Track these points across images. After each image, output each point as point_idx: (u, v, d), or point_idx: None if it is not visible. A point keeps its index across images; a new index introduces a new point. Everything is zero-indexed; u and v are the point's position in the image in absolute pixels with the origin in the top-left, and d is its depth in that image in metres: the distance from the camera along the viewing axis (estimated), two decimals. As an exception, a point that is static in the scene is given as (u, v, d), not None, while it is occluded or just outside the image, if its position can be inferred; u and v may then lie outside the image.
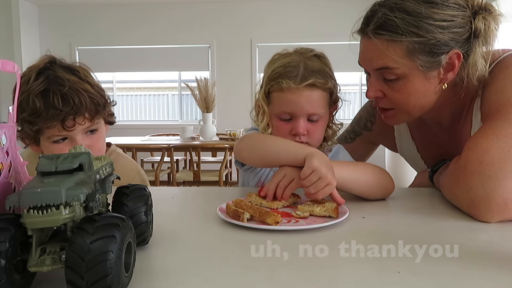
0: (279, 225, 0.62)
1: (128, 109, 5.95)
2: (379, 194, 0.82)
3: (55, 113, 0.88)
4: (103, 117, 1.01)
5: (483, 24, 0.76)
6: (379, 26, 0.78)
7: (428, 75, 0.79)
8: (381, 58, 0.79)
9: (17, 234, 0.38)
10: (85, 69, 0.99)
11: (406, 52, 0.76)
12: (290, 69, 0.87)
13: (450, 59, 0.77)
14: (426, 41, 0.75)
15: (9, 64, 0.45)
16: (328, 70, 0.90)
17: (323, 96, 0.88)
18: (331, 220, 0.65)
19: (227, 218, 0.65)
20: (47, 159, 0.41)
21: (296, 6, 5.25)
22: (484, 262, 0.49)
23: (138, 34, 5.44)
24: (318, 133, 0.91)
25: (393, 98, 0.84)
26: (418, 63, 0.77)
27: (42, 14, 5.49)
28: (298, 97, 0.86)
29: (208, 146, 3.44)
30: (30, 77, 0.91)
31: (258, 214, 0.65)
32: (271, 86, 0.89)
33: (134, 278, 0.42)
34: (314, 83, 0.85)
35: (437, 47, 0.75)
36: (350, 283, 0.43)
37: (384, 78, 0.82)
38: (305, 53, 0.91)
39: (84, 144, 0.93)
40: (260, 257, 0.52)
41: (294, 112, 0.88)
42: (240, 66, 5.43)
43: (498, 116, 0.74)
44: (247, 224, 0.63)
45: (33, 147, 0.99)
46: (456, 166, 0.75)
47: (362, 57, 0.86)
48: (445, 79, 0.80)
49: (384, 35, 0.77)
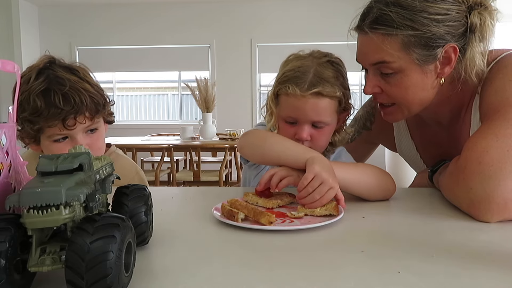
0: (273, 225, 0.62)
1: (128, 109, 5.95)
2: (380, 195, 0.82)
3: (56, 112, 0.89)
4: (102, 116, 1.02)
5: (478, 19, 0.76)
6: (375, 20, 0.79)
7: (425, 69, 0.79)
8: (378, 52, 0.80)
9: (17, 234, 0.38)
10: (84, 69, 1.00)
11: (402, 46, 0.77)
12: (299, 74, 0.86)
13: (446, 53, 0.77)
14: (421, 34, 0.76)
15: (9, 64, 0.45)
16: (341, 78, 0.89)
17: (330, 104, 0.87)
18: (326, 220, 0.65)
19: (221, 218, 0.65)
20: (47, 159, 0.41)
21: (296, 6, 5.25)
22: (484, 262, 0.49)
23: (138, 34, 5.44)
24: (322, 139, 0.91)
25: (391, 93, 0.84)
26: (414, 56, 0.77)
27: (42, 14, 5.49)
28: (303, 104, 0.85)
29: (208, 146, 3.45)
30: (30, 76, 0.91)
31: (253, 214, 0.65)
32: (279, 89, 0.89)
33: (134, 278, 0.42)
34: (321, 92, 0.84)
35: (433, 40, 0.76)
36: (350, 283, 0.43)
37: (381, 72, 0.83)
38: (319, 58, 0.90)
39: (84, 143, 0.94)
40: (260, 257, 0.52)
41: (299, 118, 0.88)
42: (240, 66, 5.43)
43: (497, 116, 0.73)
44: (241, 224, 0.63)
45: (32, 146, 0.99)
46: (455, 166, 0.75)
47: (359, 52, 0.87)
48: (443, 74, 0.80)
49: (380, 29, 0.78)
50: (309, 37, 4.79)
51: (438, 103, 0.86)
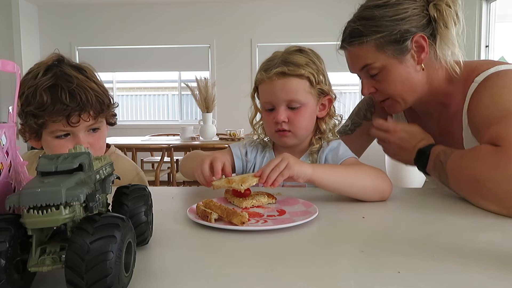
0: (245, 225, 0.62)
1: (128, 109, 5.95)
2: (375, 197, 0.82)
3: (61, 108, 0.90)
4: (105, 117, 1.03)
5: (436, 10, 0.88)
6: (348, 36, 0.94)
7: (403, 60, 0.91)
8: (359, 60, 0.94)
9: (17, 234, 0.38)
10: (91, 69, 1.02)
11: (376, 48, 0.90)
12: (269, 63, 0.96)
13: (416, 42, 0.89)
14: (388, 35, 0.89)
15: (9, 64, 0.45)
16: (311, 63, 0.95)
17: (299, 84, 0.93)
18: (298, 221, 0.64)
19: (195, 219, 0.66)
20: (47, 159, 0.41)
21: (296, 5, 5.25)
22: (484, 262, 0.49)
23: (138, 34, 5.44)
24: (300, 120, 0.95)
25: (383, 89, 0.95)
26: (389, 53, 0.90)
27: (42, 14, 5.49)
28: (272, 86, 0.94)
29: (208, 146, 3.44)
30: (38, 72, 0.93)
31: (226, 214, 0.65)
32: (255, 80, 0.99)
33: (134, 278, 0.42)
34: (284, 71, 0.92)
35: (399, 36, 0.88)
36: (350, 283, 0.43)
37: (370, 75, 0.95)
38: (289, 49, 0.98)
39: (85, 141, 0.95)
40: (260, 257, 0.52)
41: (272, 101, 0.95)
42: (240, 66, 5.42)
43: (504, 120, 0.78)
44: (214, 225, 0.63)
45: (32, 142, 0.99)
46: (492, 151, 0.75)
47: (349, 64, 1.00)
48: (421, 60, 0.91)
49: (355, 41, 0.93)
50: (309, 37, 4.78)
51: (430, 91, 0.95)
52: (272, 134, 1.00)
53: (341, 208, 0.77)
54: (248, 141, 1.08)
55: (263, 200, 0.78)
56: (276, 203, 0.79)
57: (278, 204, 0.79)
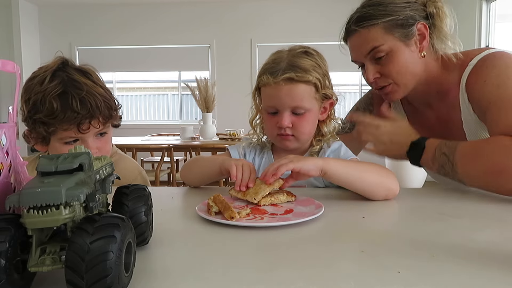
0: (237, 221, 0.64)
1: (128, 109, 5.94)
2: (382, 195, 0.82)
3: (72, 116, 0.90)
4: (112, 120, 1.03)
5: (434, 8, 0.95)
6: (358, 19, 0.97)
7: (408, 44, 0.96)
8: (368, 42, 0.96)
9: (17, 234, 0.38)
10: (95, 72, 1.01)
11: (385, 30, 0.95)
12: (274, 65, 0.93)
13: (419, 30, 0.95)
14: (396, 18, 0.94)
15: (9, 64, 0.45)
16: (317, 66, 0.93)
17: (305, 90, 0.91)
18: (297, 219, 0.65)
19: (198, 211, 0.69)
20: (47, 159, 0.41)
21: (296, 6, 5.25)
22: (484, 262, 0.49)
23: (138, 34, 5.44)
24: (304, 126, 0.94)
25: (388, 72, 0.98)
26: (397, 35, 0.95)
27: (42, 14, 5.49)
28: (278, 91, 0.91)
29: (208, 146, 3.44)
30: (44, 78, 0.92)
31: (223, 208, 0.67)
32: (258, 82, 0.96)
33: (134, 278, 0.42)
34: (292, 77, 0.89)
35: (405, 20, 0.94)
36: (350, 283, 0.43)
37: (376, 59, 0.97)
38: (294, 50, 0.96)
39: (94, 146, 0.96)
40: (260, 257, 0.52)
41: (277, 105, 0.93)
42: (240, 66, 5.42)
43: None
44: (212, 218, 0.65)
45: (38, 146, 0.99)
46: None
47: (353, 51, 1.02)
48: (422, 47, 0.97)
49: (364, 24, 0.96)
50: (309, 37, 4.78)
51: (427, 81, 0.99)
52: (273, 137, 0.99)
53: (341, 208, 0.77)
54: (246, 143, 1.07)
55: (282, 198, 0.78)
56: (294, 203, 0.78)
57: (294, 203, 0.78)
